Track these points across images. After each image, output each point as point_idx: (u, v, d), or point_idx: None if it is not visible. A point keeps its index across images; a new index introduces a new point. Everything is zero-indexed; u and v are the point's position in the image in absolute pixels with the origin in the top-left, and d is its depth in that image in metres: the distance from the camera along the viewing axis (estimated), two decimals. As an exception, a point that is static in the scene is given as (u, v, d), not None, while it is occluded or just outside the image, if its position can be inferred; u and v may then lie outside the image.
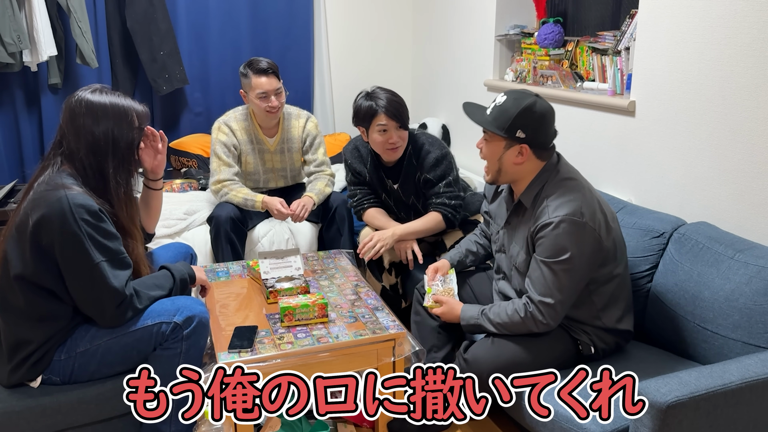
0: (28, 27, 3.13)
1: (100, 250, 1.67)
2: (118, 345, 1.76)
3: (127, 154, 1.78)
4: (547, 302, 1.82)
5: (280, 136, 3.01)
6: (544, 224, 1.81)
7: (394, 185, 2.61)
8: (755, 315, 1.74)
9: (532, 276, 1.86)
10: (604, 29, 2.86)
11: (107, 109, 1.74)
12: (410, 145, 2.52)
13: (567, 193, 1.84)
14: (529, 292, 1.86)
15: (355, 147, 2.67)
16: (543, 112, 1.86)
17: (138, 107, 1.82)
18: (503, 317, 1.89)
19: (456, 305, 2.04)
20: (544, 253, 1.82)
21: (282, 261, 2.22)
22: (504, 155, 1.90)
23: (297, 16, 4.00)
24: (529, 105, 1.85)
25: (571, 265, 1.79)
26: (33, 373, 1.74)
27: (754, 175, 1.99)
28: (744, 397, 1.53)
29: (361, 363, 1.87)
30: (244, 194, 2.87)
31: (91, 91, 1.77)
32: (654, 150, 2.39)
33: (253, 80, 2.80)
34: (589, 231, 1.80)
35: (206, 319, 1.82)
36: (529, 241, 1.90)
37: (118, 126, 1.75)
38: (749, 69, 1.97)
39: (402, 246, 2.50)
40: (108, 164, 1.74)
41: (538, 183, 1.91)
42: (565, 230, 1.78)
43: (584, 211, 1.80)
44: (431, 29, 4.09)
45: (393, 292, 2.69)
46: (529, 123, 1.84)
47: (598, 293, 1.89)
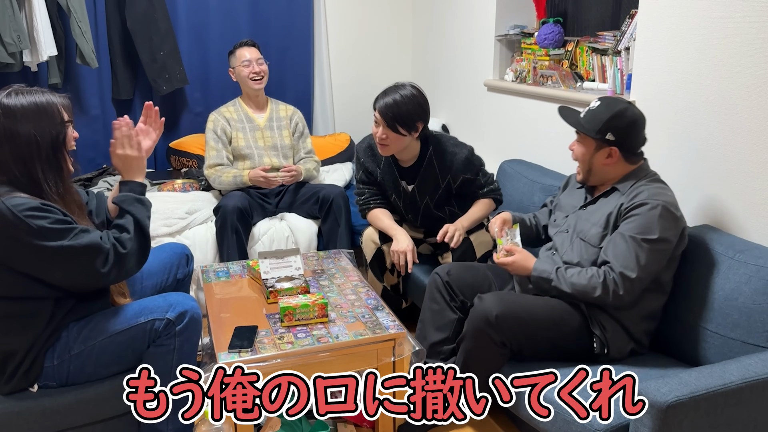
0: (28, 27, 3.13)
1: (59, 235, 1.62)
2: (113, 344, 1.75)
3: (52, 152, 1.69)
4: (627, 275, 1.85)
5: (268, 114, 3.30)
6: (642, 203, 1.89)
7: (408, 186, 2.61)
8: (754, 314, 1.74)
9: (615, 249, 1.90)
10: (604, 29, 2.86)
11: (26, 109, 1.66)
12: (431, 146, 2.53)
13: (665, 189, 1.95)
14: (611, 262, 1.89)
15: (369, 146, 2.67)
16: (634, 118, 1.97)
17: (58, 99, 1.74)
18: (580, 279, 1.92)
19: (529, 257, 2.06)
20: (635, 229, 1.88)
21: (282, 261, 2.22)
22: (594, 156, 2.01)
23: (297, 16, 3.99)
24: (621, 110, 1.96)
25: (657, 247, 1.86)
26: (26, 382, 1.73)
27: (754, 175, 1.99)
28: (744, 397, 1.53)
29: (361, 363, 1.87)
30: (233, 174, 3.08)
31: (6, 94, 1.67)
32: (654, 150, 2.39)
33: (237, 52, 3.21)
34: (681, 223, 1.91)
35: (198, 314, 1.82)
36: (612, 217, 1.96)
37: (38, 125, 1.66)
38: (749, 69, 1.97)
39: (396, 251, 2.49)
40: (36, 167, 1.67)
41: (633, 177, 2.00)
42: (662, 214, 1.86)
43: (678, 207, 1.92)
44: (431, 29, 4.09)
45: (394, 292, 2.69)
46: (619, 126, 1.95)
47: (651, 294, 1.93)
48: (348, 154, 4.00)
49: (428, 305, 2.25)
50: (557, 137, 2.95)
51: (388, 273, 2.66)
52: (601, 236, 1.97)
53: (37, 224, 1.60)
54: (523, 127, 3.20)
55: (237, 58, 3.21)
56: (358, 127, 4.11)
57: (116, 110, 3.66)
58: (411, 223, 2.75)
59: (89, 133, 3.58)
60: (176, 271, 2.24)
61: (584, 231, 2.03)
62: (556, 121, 2.95)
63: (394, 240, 2.52)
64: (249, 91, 3.25)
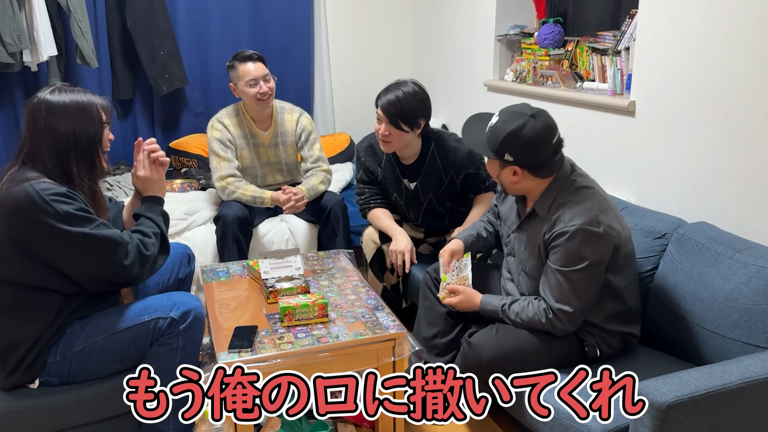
0: (28, 27, 3.13)
1: (81, 222, 1.65)
2: (116, 342, 1.76)
3: (89, 150, 1.76)
4: (565, 310, 1.81)
5: (273, 129, 3.01)
6: (560, 233, 1.80)
7: (411, 183, 2.61)
8: (754, 315, 1.74)
9: (548, 283, 1.85)
10: (604, 29, 2.86)
11: (67, 107, 1.73)
12: (432, 143, 2.53)
13: (583, 201, 1.82)
14: (546, 299, 1.85)
15: (369, 145, 2.67)
16: (532, 136, 1.80)
17: (99, 100, 1.80)
18: (524, 317, 1.89)
19: (474, 295, 2.05)
20: (559, 261, 1.81)
21: (282, 261, 2.22)
22: (501, 174, 1.91)
23: (297, 16, 4.00)
24: (515, 129, 1.80)
25: (587, 273, 1.79)
26: (28, 377, 1.74)
27: (753, 175, 1.99)
28: (744, 397, 1.53)
29: (361, 363, 1.87)
30: (251, 192, 2.87)
31: (51, 91, 1.75)
32: (654, 150, 2.39)
33: (240, 69, 2.83)
34: (606, 238, 1.78)
35: (202, 314, 1.83)
36: (541, 248, 1.89)
37: (78, 123, 1.73)
38: (749, 69, 1.97)
39: (395, 251, 2.49)
40: (71, 163, 1.73)
41: (551, 193, 1.89)
42: (582, 240, 1.77)
43: (601, 220, 1.79)
44: (431, 29, 4.09)
45: (394, 292, 2.70)
46: (515, 146, 1.82)
47: (610, 299, 1.89)
48: (348, 154, 4.00)
49: (421, 302, 2.30)
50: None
51: (388, 273, 2.67)
52: (537, 268, 1.93)
53: (62, 209, 1.63)
54: (523, 127, 3.20)
55: (240, 76, 2.84)
56: (358, 127, 4.11)
57: (116, 110, 3.66)
58: (412, 223, 2.75)
59: (89, 133, 3.58)
60: (178, 271, 2.24)
61: (524, 261, 1.99)
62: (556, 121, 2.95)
63: (393, 240, 2.52)
64: (253, 110, 2.97)
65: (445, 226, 2.71)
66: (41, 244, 1.64)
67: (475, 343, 1.91)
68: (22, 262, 1.66)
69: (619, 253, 1.83)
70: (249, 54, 2.86)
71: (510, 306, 1.94)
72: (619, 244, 1.82)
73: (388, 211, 2.67)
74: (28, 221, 1.62)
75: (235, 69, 2.86)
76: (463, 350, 1.96)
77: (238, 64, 2.85)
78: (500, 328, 1.94)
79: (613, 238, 1.80)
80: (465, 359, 1.93)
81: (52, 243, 1.64)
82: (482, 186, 2.62)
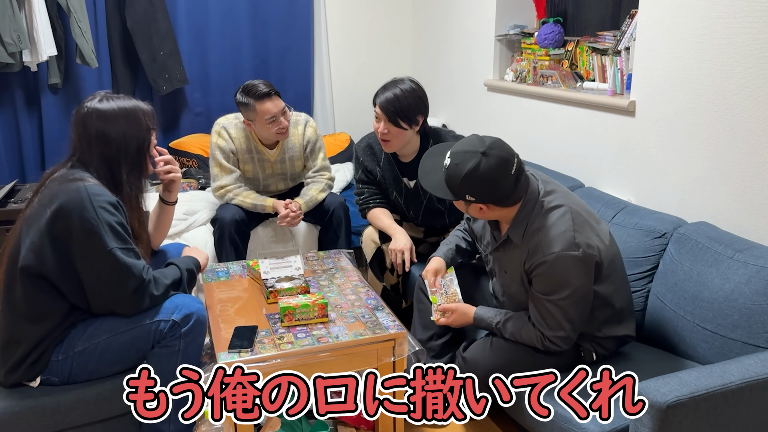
0: (28, 27, 3.13)
1: (115, 238, 1.70)
2: (117, 343, 1.76)
3: (138, 156, 1.83)
4: (558, 335, 1.81)
5: (280, 148, 2.93)
6: (539, 263, 1.78)
7: (410, 182, 2.61)
8: (754, 315, 1.74)
9: (539, 312, 1.83)
10: (604, 29, 2.86)
11: (117, 113, 1.79)
12: (431, 140, 2.54)
13: (557, 224, 1.77)
14: (540, 327, 1.83)
15: (368, 144, 2.67)
16: (488, 174, 1.74)
17: (144, 107, 1.87)
18: (518, 338, 1.88)
19: (467, 310, 2.03)
20: (543, 290, 1.80)
21: (282, 261, 2.22)
22: (468, 209, 1.87)
23: (297, 16, 4.00)
24: (469, 171, 1.74)
25: (575, 298, 1.77)
26: (31, 374, 1.74)
27: (753, 175, 1.99)
28: (744, 397, 1.53)
29: (361, 363, 1.87)
30: (252, 199, 2.85)
31: (98, 99, 1.82)
32: (654, 150, 2.39)
33: (258, 107, 2.67)
34: (586, 260, 1.75)
35: (204, 317, 1.83)
36: (523, 276, 1.87)
37: (129, 128, 1.80)
38: (749, 69, 1.97)
39: (394, 250, 2.49)
40: (121, 170, 1.80)
41: (522, 218, 1.84)
42: (563, 267, 1.75)
43: (579, 242, 1.75)
44: (431, 29, 4.09)
45: (394, 292, 2.69)
46: (474, 186, 1.77)
47: (600, 308, 1.88)
48: (348, 154, 4.00)
49: (415, 305, 2.30)
50: (557, 137, 2.96)
51: (388, 273, 2.66)
52: (522, 293, 1.91)
53: (104, 216, 1.68)
54: (523, 127, 3.20)
55: (258, 115, 2.68)
56: (358, 127, 4.11)
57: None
58: (411, 222, 2.75)
59: (89, 133, 3.58)
60: None
61: (507, 285, 1.96)
62: (556, 121, 2.96)
63: (393, 239, 2.52)
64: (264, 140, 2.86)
65: (445, 224, 2.70)
66: (72, 242, 1.68)
67: (470, 358, 1.91)
68: (54, 257, 1.68)
69: (602, 267, 1.81)
70: (266, 91, 2.67)
71: (504, 324, 1.92)
72: (600, 260, 1.79)
73: (387, 210, 2.67)
74: (70, 217, 1.66)
75: (250, 107, 2.68)
76: (457, 364, 1.93)
77: (254, 102, 2.66)
78: (494, 341, 1.92)
79: (593, 257, 1.76)
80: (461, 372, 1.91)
81: (80, 243, 1.67)
82: None
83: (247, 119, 2.77)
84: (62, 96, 3.49)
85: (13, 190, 3.01)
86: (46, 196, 1.72)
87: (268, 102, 2.67)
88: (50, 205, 1.68)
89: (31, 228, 1.70)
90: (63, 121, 3.51)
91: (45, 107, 3.45)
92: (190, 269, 1.96)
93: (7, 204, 2.79)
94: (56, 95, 3.47)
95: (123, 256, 1.70)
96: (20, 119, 3.44)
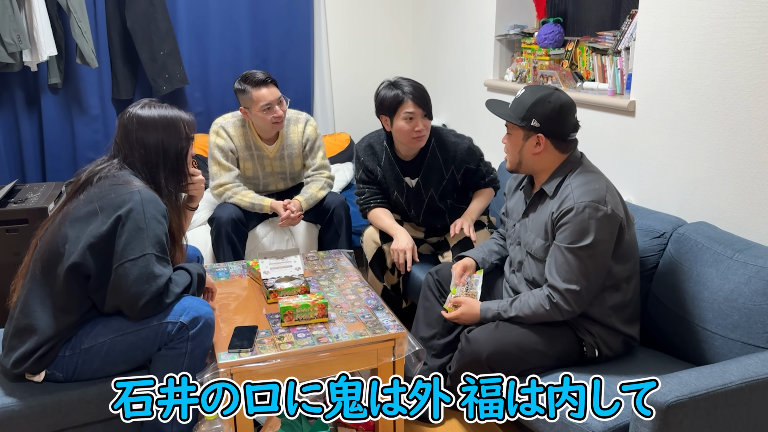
0: (28, 27, 3.13)
1: (154, 244, 1.73)
2: (123, 343, 1.76)
3: (177, 163, 1.88)
4: (572, 289, 1.83)
5: (279, 143, 2.96)
6: (568, 209, 1.84)
7: (411, 181, 2.61)
8: (754, 315, 1.74)
9: (555, 264, 1.87)
10: (604, 29, 2.86)
11: (156, 121, 1.84)
12: (433, 138, 2.54)
13: (592, 182, 1.87)
14: (552, 281, 1.87)
15: (368, 144, 2.67)
16: (559, 104, 1.89)
17: (185, 116, 1.91)
18: (526, 310, 1.91)
19: (474, 304, 2.05)
20: (567, 239, 1.84)
21: (282, 261, 2.22)
22: (524, 147, 1.95)
23: (297, 16, 4.00)
24: (544, 96, 1.90)
25: (595, 251, 1.82)
26: (37, 367, 1.74)
27: (754, 175, 1.99)
28: (744, 397, 1.53)
29: (361, 363, 1.88)
30: (250, 198, 2.86)
31: (141, 106, 1.87)
32: (654, 150, 2.39)
33: (254, 94, 2.74)
34: (613, 219, 1.83)
35: (212, 320, 1.82)
36: (548, 227, 1.92)
37: (167, 137, 1.85)
38: (749, 69, 1.97)
39: (396, 250, 2.49)
40: (160, 175, 1.85)
41: (561, 172, 1.94)
42: (590, 215, 1.81)
43: (608, 200, 1.84)
44: (431, 29, 4.09)
45: (394, 292, 2.69)
46: (543, 112, 1.89)
47: (612, 291, 1.90)
48: (348, 154, 4.00)
49: (421, 303, 2.31)
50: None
51: (388, 273, 2.67)
52: (545, 248, 1.94)
53: (152, 225, 1.73)
54: (523, 127, 3.20)
55: (254, 101, 2.74)
56: (358, 127, 4.11)
57: (116, 110, 3.66)
58: (413, 222, 2.75)
59: (89, 133, 3.58)
60: None
61: (529, 243, 2.00)
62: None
63: (395, 239, 2.52)
64: (263, 129, 2.89)
65: (446, 224, 2.70)
66: (118, 241, 1.71)
67: (473, 338, 1.92)
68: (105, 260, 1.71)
69: (623, 236, 1.86)
70: (262, 78, 2.75)
71: (510, 305, 1.95)
72: (624, 225, 1.86)
73: (388, 210, 2.67)
74: (125, 224, 1.70)
75: (246, 93, 2.75)
76: (461, 346, 1.97)
77: (250, 88, 2.73)
78: (500, 324, 1.95)
79: (619, 217, 1.84)
80: (463, 355, 1.94)
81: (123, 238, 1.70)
82: (482, 182, 2.64)
83: (243, 107, 2.84)
84: (62, 96, 3.49)
85: (13, 190, 3.01)
86: (94, 195, 1.75)
87: (264, 89, 2.75)
88: (104, 208, 1.72)
89: (79, 225, 1.72)
90: (63, 121, 3.51)
91: (45, 107, 3.45)
92: (200, 274, 1.97)
93: (7, 204, 2.79)
94: (56, 95, 3.47)
95: (155, 262, 1.73)
96: (20, 119, 3.44)
